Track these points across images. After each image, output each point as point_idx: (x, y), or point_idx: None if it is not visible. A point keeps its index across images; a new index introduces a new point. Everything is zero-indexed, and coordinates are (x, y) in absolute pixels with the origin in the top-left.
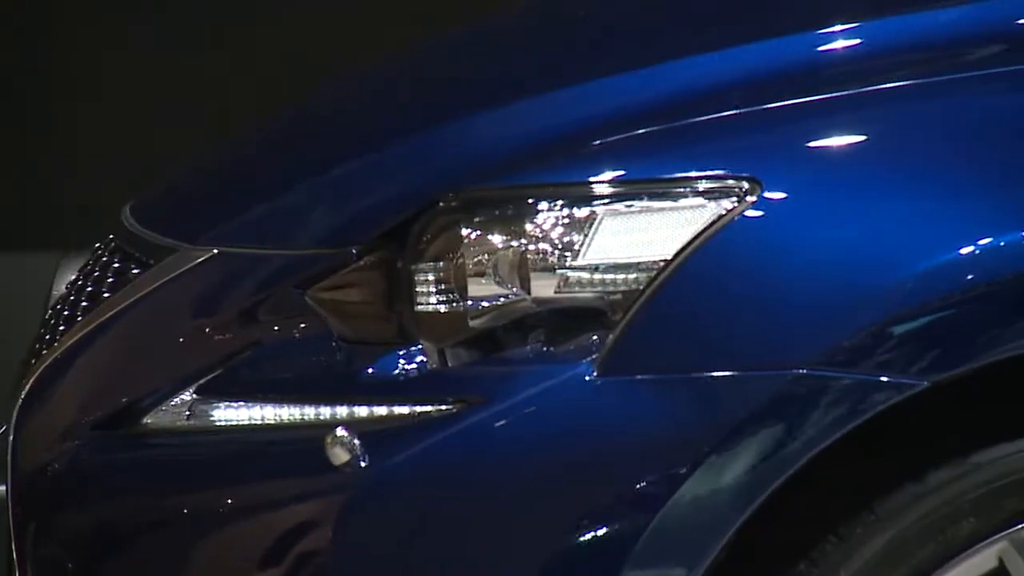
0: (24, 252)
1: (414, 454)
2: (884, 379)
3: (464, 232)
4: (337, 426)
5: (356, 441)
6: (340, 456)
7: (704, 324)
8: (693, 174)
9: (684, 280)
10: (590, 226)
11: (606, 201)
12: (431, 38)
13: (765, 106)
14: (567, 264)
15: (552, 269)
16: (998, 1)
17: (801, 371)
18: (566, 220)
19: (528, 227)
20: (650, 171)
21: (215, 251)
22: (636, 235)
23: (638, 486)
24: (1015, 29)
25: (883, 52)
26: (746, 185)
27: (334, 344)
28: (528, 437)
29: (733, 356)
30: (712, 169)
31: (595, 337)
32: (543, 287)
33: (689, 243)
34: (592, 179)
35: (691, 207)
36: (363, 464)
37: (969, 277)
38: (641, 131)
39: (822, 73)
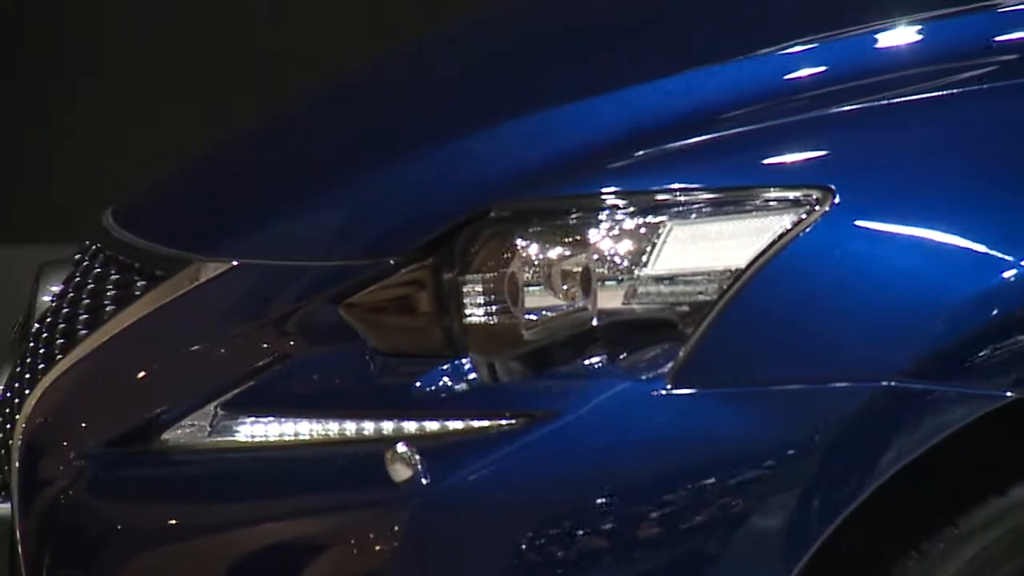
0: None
1: (481, 469)
2: (970, 391)
3: (519, 242)
4: (392, 441)
5: (417, 457)
6: (401, 472)
7: (782, 336)
8: (763, 183)
9: (759, 291)
10: (658, 236)
11: (674, 210)
12: (451, 27)
13: (836, 110)
14: (635, 275)
15: (619, 280)
16: None
17: (888, 383)
18: (633, 230)
19: (592, 237)
20: (718, 179)
21: (234, 263)
22: (705, 245)
23: (716, 501)
24: None
25: (960, 53)
26: (818, 194)
27: (368, 358)
28: (601, 451)
29: (814, 368)
30: (782, 178)
31: (666, 349)
32: (609, 298)
33: (762, 253)
34: (658, 188)
35: (762, 217)
36: (425, 481)
37: None
38: (705, 137)
39: (894, 74)
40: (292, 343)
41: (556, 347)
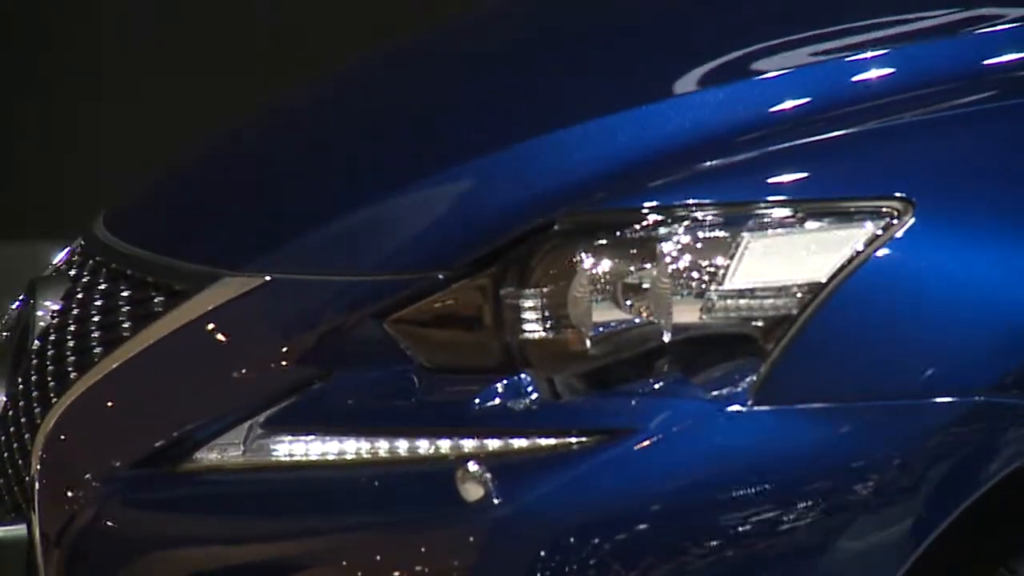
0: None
1: (558, 487)
2: None
3: (584, 256)
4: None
5: (488, 475)
6: (473, 491)
7: (866, 351)
8: (841, 195)
9: (841, 305)
10: (735, 249)
11: (751, 223)
12: (471, 19)
13: (911, 118)
14: (711, 289)
15: (694, 294)
16: None
17: (976, 399)
18: (708, 243)
19: (664, 250)
20: (794, 191)
21: (266, 278)
22: (783, 259)
23: (802, 519)
24: None
25: None
26: (898, 205)
27: (415, 375)
28: (683, 469)
29: (900, 384)
30: (860, 189)
31: (745, 364)
32: (684, 312)
33: (844, 267)
34: (734, 200)
35: (841, 229)
36: (499, 499)
37: None
38: (778, 147)
39: (972, 80)
40: (333, 360)
41: (624, 363)
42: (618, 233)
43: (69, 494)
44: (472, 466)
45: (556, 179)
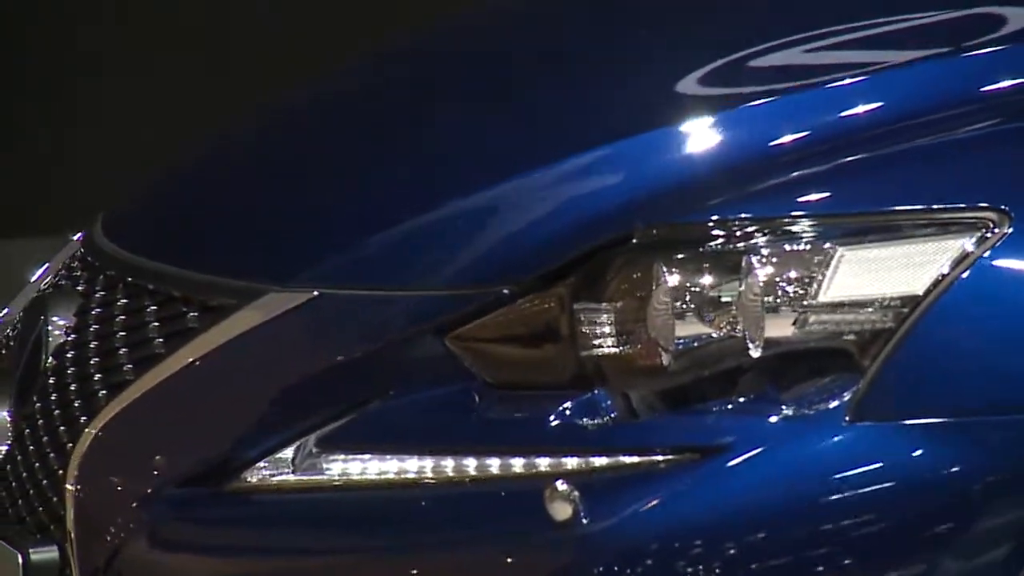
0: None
1: (644, 507)
2: None
3: (664, 269)
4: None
5: (577, 494)
6: (562, 511)
7: (967, 364)
8: (934, 206)
9: (939, 319)
10: (829, 262)
11: (845, 235)
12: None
13: (1007, 125)
14: (803, 303)
15: (785, 308)
16: None
17: None
18: (800, 256)
19: (753, 264)
20: (889, 202)
21: (315, 293)
22: (877, 272)
23: (905, 538)
24: None
25: None
26: (994, 216)
27: (478, 392)
28: (779, 486)
29: (1005, 398)
30: (956, 199)
31: (840, 380)
32: (776, 327)
33: (941, 279)
34: (825, 212)
35: (935, 240)
36: (589, 519)
37: None
38: (869, 155)
39: None
40: (390, 377)
41: (707, 379)
42: (701, 246)
43: (109, 516)
44: (561, 485)
45: (630, 190)
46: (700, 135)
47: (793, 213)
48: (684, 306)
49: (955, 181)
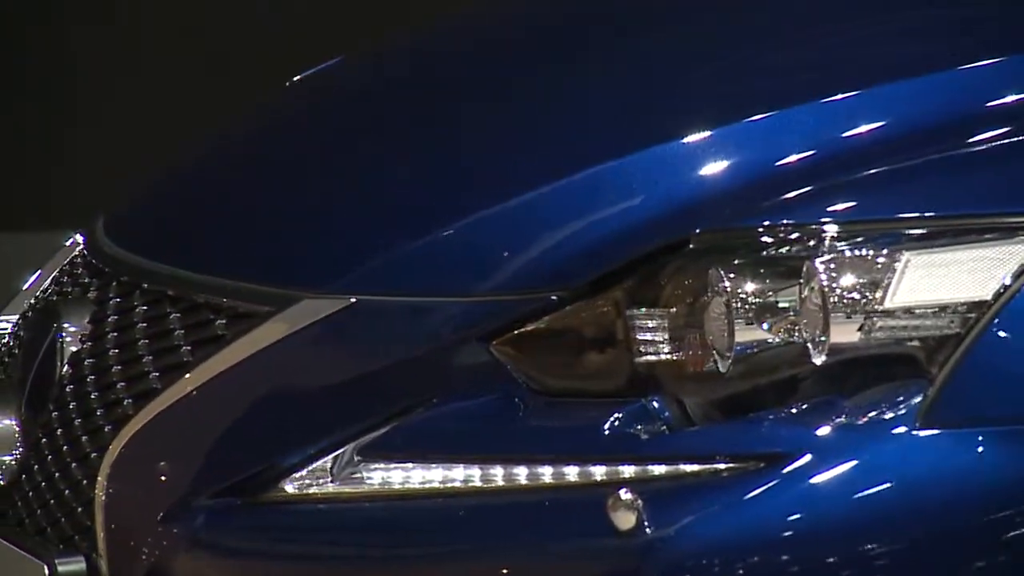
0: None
1: (708, 515)
2: None
3: (722, 275)
4: (615, 487)
5: (641, 503)
6: (625, 520)
7: None
8: (1000, 209)
9: (1008, 324)
10: (895, 268)
11: (910, 240)
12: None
13: None
14: (870, 308)
15: (852, 314)
16: None
17: None
18: (865, 261)
19: (816, 270)
20: (954, 206)
21: (352, 300)
22: (944, 277)
23: (979, 546)
24: None
25: None
26: None
27: (525, 400)
28: (848, 494)
29: None
30: (1021, 204)
31: (908, 386)
32: (841, 333)
33: (1008, 285)
34: (888, 217)
35: (1003, 245)
36: (650, 528)
37: None
38: (931, 158)
39: None
40: (432, 385)
41: (767, 386)
42: (759, 251)
43: (141, 526)
44: (625, 494)
45: (684, 194)
46: (758, 137)
47: (856, 217)
48: (742, 312)
49: (1022, 185)
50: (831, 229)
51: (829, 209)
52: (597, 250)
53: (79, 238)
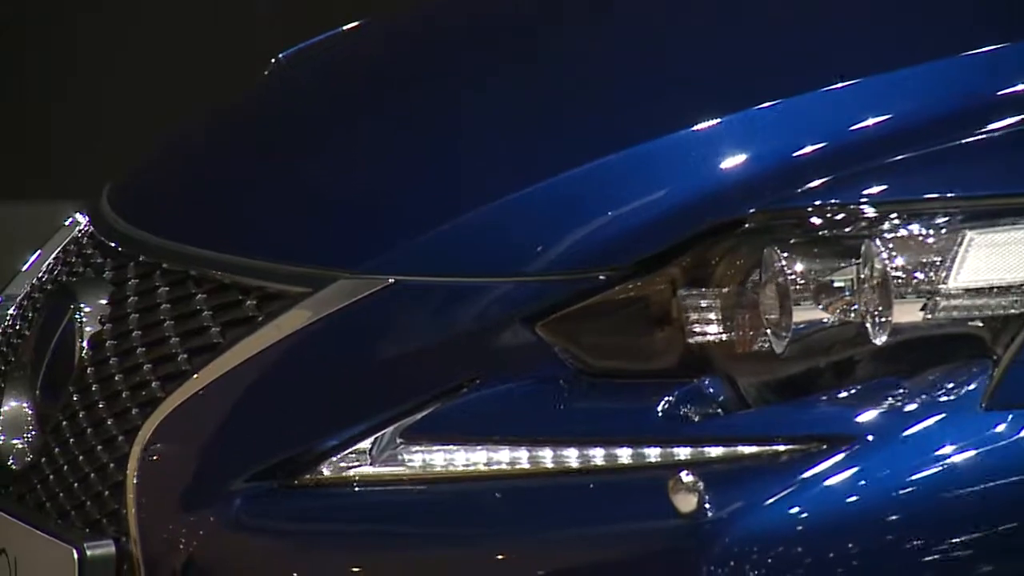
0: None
1: (769, 497)
2: None
3: (779, 255)
4: (676, 468)
5: (702, 485)
6: (686, 502)
7: None
8: None
9: None
10: (956, 247)
11: (973, 219)
12: None
13: None
14: (933, 288)
15: (914, 294)
16: None
17: None
18: (928, 240)
19: (877, 249)
20: (1015, 185)
21: (391, 280)
22: (1008, 256)
23: None
24: None
25: None
26: None
27: (572, 381)
28: (914, 475)
29: None
30: None
31: (971, 367)
32: (903, 313)
33: None
34: (949, 196)
35: None
36: (711, 510)
37: None
38: (991, 135)
39: None
40: (475, 366)
41: (826, 367)
42: (816, 231)
43: (175, 510)
44: (686, 476)
45: (737, 173)
46: (813, 115)
47: (915, 196)
48: (799, 292)
49: None
50: (890, 208)
51: (887, 188)
52: (647, 230)
53: (79, 217)
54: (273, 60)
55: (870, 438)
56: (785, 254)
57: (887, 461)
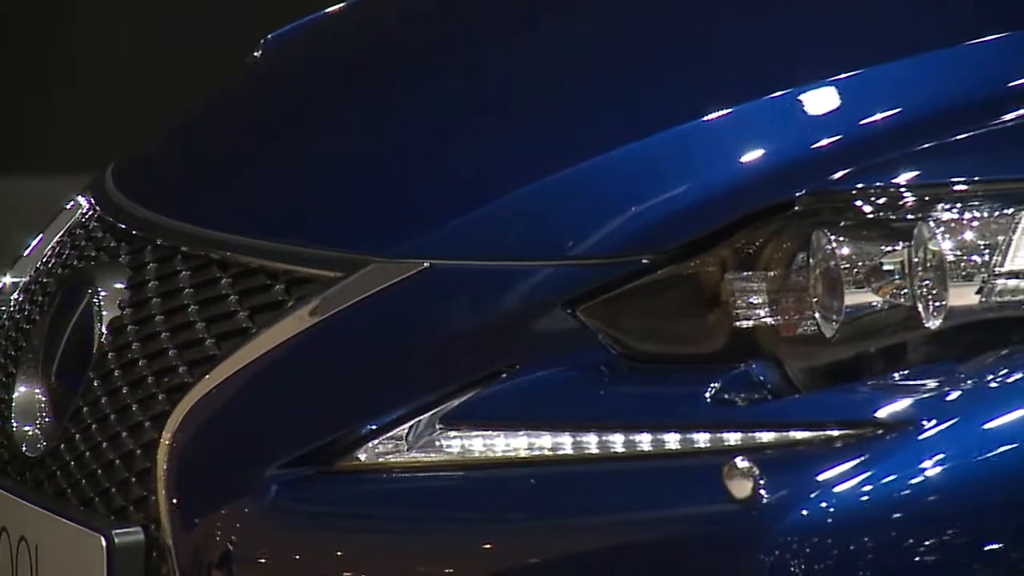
0: None
1: (833, 484)
2: None
3: (830, 237)
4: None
5: (757, 471)
6: (741, 488)
7: None
8: None
9: None
10: (1013, 229)
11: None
12: None
13: None
14: (987, 271)
15: (968, 277)
16: None
17: None
18: (981, 223)
19: (930, 232)
20: None
21: (425, 264)
22: None
23: None
24: None
25: None
26: None
27: (614, 366)
28: (978, 461)
29: None
30: None
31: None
32: (957, 297)
33: None
34: (1002, 178)
35: None
36: (767, 496)
37: None
38: None
39: None
40: (514, 352)
41: (877, 351)
42: (870, 214)
43: (207, 497)
44: (741, 462)
45: (784, 155)
46: (862, 95)
47: (970, 177)
48: (850, 275)
49: None
50: (941, 191)
51: (940, 170)
52: (692, 213)
53: (81, 200)
54: (262, 41)
55: (926, 423)
56: (836, 237)
57: (946, 446)
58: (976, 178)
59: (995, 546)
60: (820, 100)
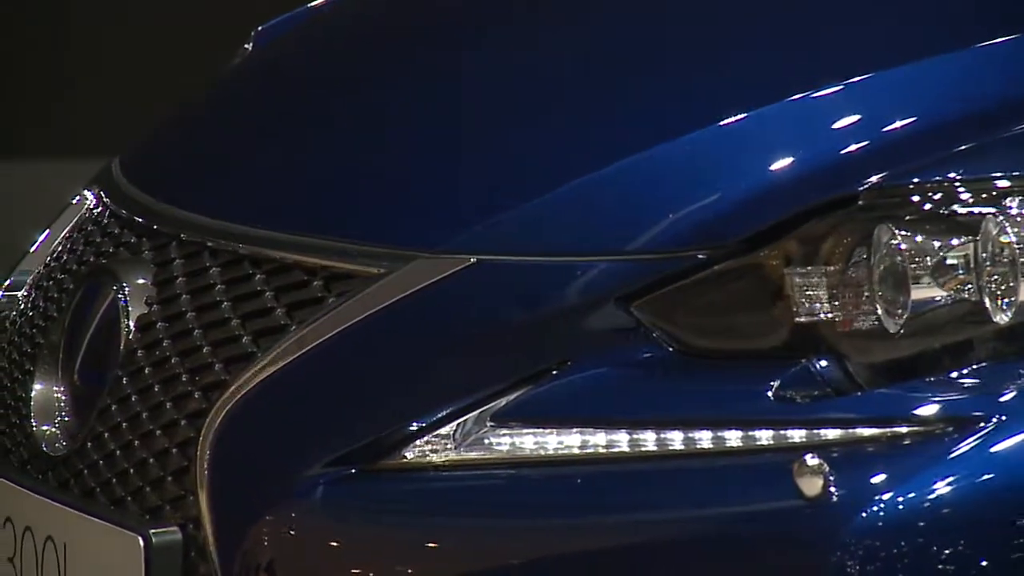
0: None
1: (905, 482)
2: None
3: (894, 232)
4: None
5: (827, 468)
6: (811, 486)
7: None
8: None
9: None
10: None
11: None
12: None
13: None
14: None
15: None
16: None
17: None
18: None
19: (999, 226)
20: None
21: (472, 259)
22: None
23: None
24: None
25: None
26: None
27: (671, 363)
28: None
29: None
30: None
31: None
32: None
33: None
34: None
35: None
36: (838, 494)
37: None
38: None
39: None
40: (566, 348)
41: (942, 347)
42: (932, 208)
43: (250, 496)
44: (811, 459)
45: (847, 148)
46: (925, 86)
47: None
48: (914, 270)
49: None
50: (1007, 185)
51: (1004, 163)
52: (750, 207)
53: (88, 194)
54: (253, 33)
55: (996, 420)
56: (900, 231)
57: (1014, 444)
58: None
59: None
60: (883, 93)
